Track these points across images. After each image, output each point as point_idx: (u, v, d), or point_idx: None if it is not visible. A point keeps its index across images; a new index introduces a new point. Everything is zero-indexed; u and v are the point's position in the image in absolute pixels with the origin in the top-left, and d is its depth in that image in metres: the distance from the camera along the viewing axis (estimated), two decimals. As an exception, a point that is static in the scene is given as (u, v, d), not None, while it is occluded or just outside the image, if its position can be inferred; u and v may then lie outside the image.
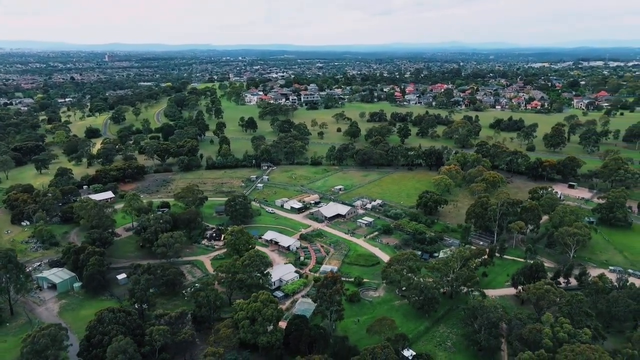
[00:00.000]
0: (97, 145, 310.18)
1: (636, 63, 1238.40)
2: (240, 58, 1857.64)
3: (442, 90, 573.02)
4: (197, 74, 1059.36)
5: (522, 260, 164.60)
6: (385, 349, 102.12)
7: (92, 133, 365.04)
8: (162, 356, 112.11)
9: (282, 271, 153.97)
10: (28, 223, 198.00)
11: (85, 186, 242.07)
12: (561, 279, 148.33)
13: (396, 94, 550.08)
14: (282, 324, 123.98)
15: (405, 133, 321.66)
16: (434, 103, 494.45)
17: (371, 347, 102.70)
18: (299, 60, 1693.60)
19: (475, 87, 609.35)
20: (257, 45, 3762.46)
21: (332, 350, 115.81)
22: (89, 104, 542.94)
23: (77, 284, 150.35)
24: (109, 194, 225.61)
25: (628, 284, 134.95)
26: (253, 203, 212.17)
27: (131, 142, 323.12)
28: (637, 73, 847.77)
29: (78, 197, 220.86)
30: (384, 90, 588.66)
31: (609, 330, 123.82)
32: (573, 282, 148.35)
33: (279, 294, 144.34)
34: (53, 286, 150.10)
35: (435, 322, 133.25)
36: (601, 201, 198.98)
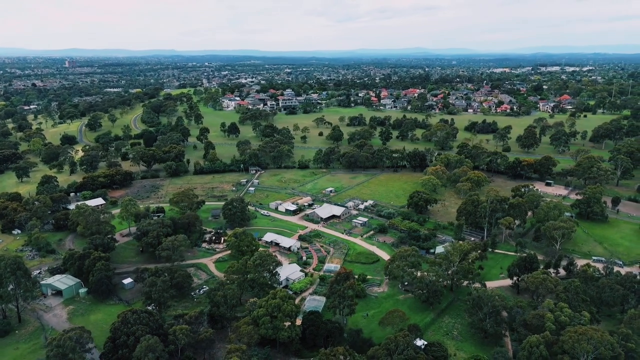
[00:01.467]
0: (79, 153, 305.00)
1: (590, 68, 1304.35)
2: (206, 64, 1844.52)
3: (416, 94, 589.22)
4: (165, 80, 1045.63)
5: (512, 254, 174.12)
6: (406, 337, 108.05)
7: (68, 140, 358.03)
8: (186, 354, 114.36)
9: (288, 271, 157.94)
10: (19, 231, 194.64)
11: (73, 193, 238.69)
12: (551, 270, 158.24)
13: (372, 98, 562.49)
14: (297, 321, 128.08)
15: (387, 136, 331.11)
16: (409, 107, 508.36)
17: (393, 336, 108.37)
18: (266, 66, 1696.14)
19: (446, 92, 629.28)
20: (222, 50, 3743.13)
21: (347, 343, 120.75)
22: (56, 110, 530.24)
23: (82, 290, 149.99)
24: (99, 201, 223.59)
25: (614, 271, 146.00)
26: (249, 206, 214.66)
27: (112, 148, 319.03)
28: (592, 77, 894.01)
29: (68, 205, 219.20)
30: (359, 95, 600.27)
31: (599, 315, 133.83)
32: (561, 272, 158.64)
33: (288, 292, 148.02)
34: (57, 293, 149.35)
35: (439, 314, 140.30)
36: (579, 197, 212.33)
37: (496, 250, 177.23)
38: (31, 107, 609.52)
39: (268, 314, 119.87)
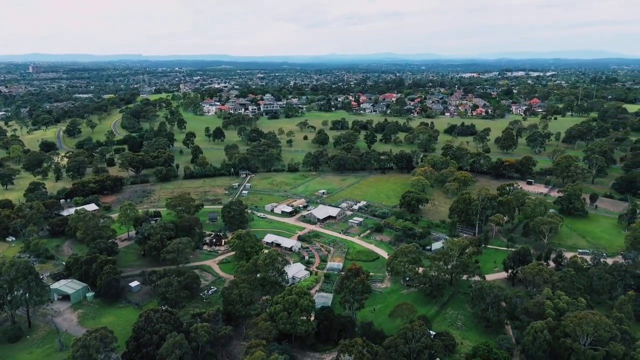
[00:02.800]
0: (64, 159, 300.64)
1: (553, 73, 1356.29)
2: (177, 69, 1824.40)
3: (394, 99, 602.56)
4: (136, 85, 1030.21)
5: (503, 248, 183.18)
6: (422, 327, 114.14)
7: (48, 147, 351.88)
8: (207, 351, 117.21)
9: (294, 269, 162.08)
10: (14, 238, 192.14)
11: (63, 200, 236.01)
12: (542, 262, 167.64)
13: (352, 103, 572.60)
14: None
15: (372, 139, 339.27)
16: (388, 111, 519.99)
17: (410, 326, 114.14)
18: (238, 71, 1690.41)
19: (422, 96, 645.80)
20: (190, 55, 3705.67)
21: (359, 335, 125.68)
22: (28, 117, 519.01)
23: (89, 294, 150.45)
24: (92, 207, 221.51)
25: (602, 261, 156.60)
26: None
27: (97, 154, 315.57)
28: (557, 82, 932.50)
29: (61, 211, 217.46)
30: (339, 99, 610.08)
31: (590, 302, 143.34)
32: (551, 264, 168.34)
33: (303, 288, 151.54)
34: (64, 298, 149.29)
35: (442, 306, 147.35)
36: (560, 194, 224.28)
37: (488, 246, 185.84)
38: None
39: (285, 309, 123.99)
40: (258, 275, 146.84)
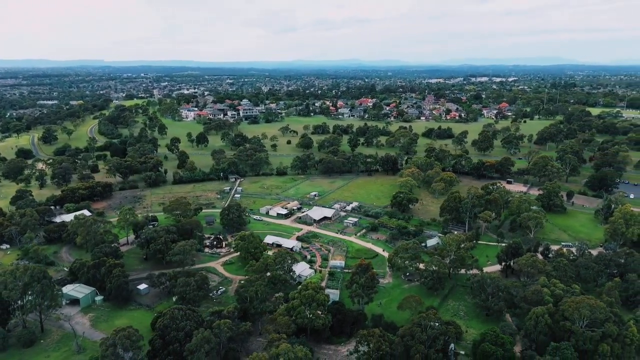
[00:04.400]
0: (46, 167, 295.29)
1: (515, 78, 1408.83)
2: (142, 74, 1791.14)
3: (370, 104, 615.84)
4: (102, 92, 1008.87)
5: (493, 244, 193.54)
6: (435, 315, 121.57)
7: (25, 154, 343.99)
8: (230, 346, 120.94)
9: (299, 268, 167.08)
10: (8, 246, 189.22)
11: (52, 206, 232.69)
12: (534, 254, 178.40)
13: (330, 108, 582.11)
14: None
15: (355, 143, 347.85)
16: (366, 116, 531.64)
17: (425, 314, 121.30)
18: (206, 77, 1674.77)
19: (398, 101, 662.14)
20: (156, 61, 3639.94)
21: (372, 327, 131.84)
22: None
23: (98, 298, 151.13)
24: (86, 213, 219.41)
25: (587, 252, 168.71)
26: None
27: (81, 161, 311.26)
28: (520, 87, 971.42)
29: (53, 217, 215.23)
30: (316, 104, 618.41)
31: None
32: (539, 257, 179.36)
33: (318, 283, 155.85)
34: (72, 302, 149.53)
35: (444, 298, 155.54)
36: (539, 192, 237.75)
37: (479, 242, 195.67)
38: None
39: (302, 304, 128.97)
40: (268, 274, 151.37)
